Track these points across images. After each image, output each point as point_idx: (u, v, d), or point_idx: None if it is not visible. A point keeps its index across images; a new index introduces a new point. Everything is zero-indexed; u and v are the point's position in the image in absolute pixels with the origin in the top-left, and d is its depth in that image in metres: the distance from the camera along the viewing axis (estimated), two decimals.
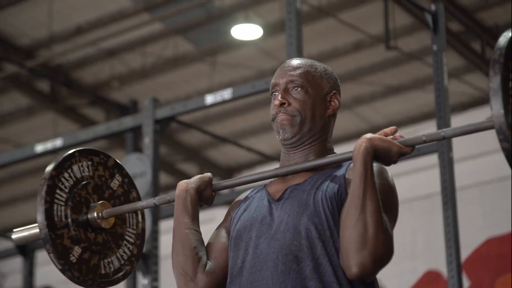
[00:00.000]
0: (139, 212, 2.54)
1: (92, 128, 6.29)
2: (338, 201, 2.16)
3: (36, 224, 2.38)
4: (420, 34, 8.56)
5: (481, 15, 8.54)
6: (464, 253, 8.14)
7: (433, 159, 5.63)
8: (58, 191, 2.36)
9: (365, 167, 2.07)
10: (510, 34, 1.96)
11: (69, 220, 2.37)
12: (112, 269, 2.44)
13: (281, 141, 2.29)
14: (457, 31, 8.45)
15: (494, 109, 1.91)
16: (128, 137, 8.32)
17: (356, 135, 10.02)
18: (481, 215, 9.16)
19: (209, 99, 5.45)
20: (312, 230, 2.13)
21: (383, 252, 2.04)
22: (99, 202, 2.43)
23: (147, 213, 5.40)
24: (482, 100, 9.50)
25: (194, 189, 2.31)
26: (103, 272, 2.41)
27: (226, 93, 5.36)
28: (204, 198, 2.33)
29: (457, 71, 9.13)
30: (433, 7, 5.46)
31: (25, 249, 7.07)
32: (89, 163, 2.46)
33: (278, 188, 2.28)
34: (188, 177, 10.87)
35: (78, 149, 2.45)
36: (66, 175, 2.39)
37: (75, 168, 2.42)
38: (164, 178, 10.74)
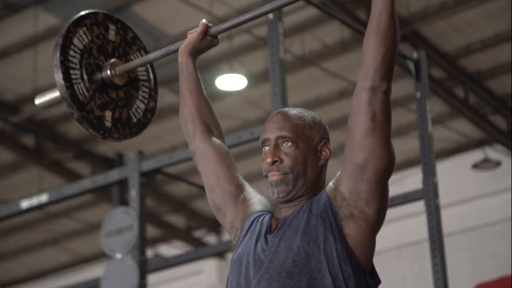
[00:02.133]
0: (142, 51, 2.69)
1: (78, 182, 6.26)
2: (330, 214, 2.17)
3: (55, 89, 2.52)
4: (403, 81, 8.62)
5: (463, 62, 8.62)
6: None
7: (420, 205, 5.62)
8: (71, 71, 2.48)
9: None
10: None
11: (91, 92, 2.51)
12: (141, 113, 2.63)
13: (276, 200, 2.27)
14: (440, 77, 8.52)
15: None
16: (114, 190, 8.29)
17: None
18: (469, 261, 9.14)
19: None
20: (305, 246, 2.13)
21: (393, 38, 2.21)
22: (108, 63, 2.55)
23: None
24: (466, 146, 9.54)
25: (184, 53, 2.56)
26: (135, 120, 2.60)
27: None
28: (203, 48, 2.54)
29: (441, 117, 9.19)
30: (415, 54, 5.51)
31: None
32: (84, 28, 2.55)
33: (274, 223, 2.26)
34: (175, 228, 10.72)
35: (70, 21, 2.53)
36: (71, 52, 2.49)
37: (75, 41, 2.52)
38: (151, 230, 10.68)
